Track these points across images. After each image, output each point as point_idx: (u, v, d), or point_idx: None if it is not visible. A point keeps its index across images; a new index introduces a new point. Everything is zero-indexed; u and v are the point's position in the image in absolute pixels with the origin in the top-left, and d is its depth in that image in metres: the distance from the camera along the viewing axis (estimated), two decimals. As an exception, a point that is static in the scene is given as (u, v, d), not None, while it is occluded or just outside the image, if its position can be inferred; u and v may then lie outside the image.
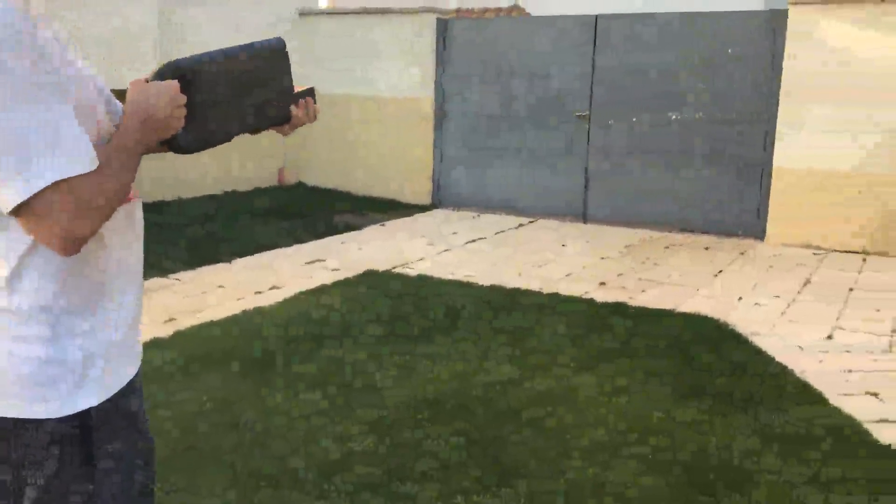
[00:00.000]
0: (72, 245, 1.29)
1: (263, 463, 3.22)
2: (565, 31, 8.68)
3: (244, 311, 5.15)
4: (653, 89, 8.29)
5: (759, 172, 7.93)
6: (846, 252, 7.42)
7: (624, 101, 8.43)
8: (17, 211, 1.25)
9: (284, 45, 1.70)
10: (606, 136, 8.58)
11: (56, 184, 1.24)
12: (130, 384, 1.52)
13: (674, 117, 8.23)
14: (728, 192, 8.09)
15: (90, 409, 1.41)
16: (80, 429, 1.40)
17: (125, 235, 1.49)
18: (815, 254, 7.38)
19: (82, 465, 1.41)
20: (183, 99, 1.45)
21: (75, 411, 1.40)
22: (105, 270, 1.44)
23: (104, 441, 1.44)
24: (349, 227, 8.09)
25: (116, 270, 1.47)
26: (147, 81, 1.44)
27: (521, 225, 8.57)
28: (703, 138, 8.14)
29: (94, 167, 1.28)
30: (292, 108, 1.69)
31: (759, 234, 7.92)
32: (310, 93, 1.76)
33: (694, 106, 8.13)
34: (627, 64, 8.38)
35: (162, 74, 1.45)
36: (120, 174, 1.34)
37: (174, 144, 1.50)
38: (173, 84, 1.44)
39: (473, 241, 7.69)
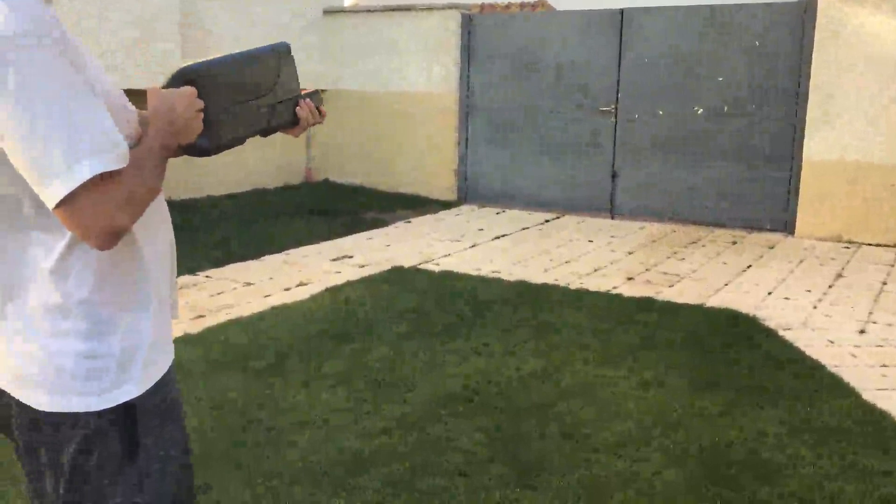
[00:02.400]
0: (111, 239, 1.31)
1: (289, 459, 3.24)
2: (591, 25, 8.63)
3: (272, 308, 5.19)
4: (679, 82, 8.21)
5: (787, 165, 7.83)
6: (878, 245, 7.30)
7: (650, 94, 8.37)
8: (59, 205, 1.27)
9: (289, 49, 1.75)
10: (633, 130, 8.52)
11: (95, 178, 1.26)
12: (168, 374, 1.54)
13: (700, 111, 8.16)
14: (756, 185, 8.00)
15: (131, 400, 1.43)
16: (122, 421, 1.42)
17: (157, 230, 1.52)
18: (845, 247, 7.28)
19: (125, 456, 1.43)
20: (201, 104, 1.48)
21: (116, 403, 1.42)
22: (141, 265, 1.47)
23: (146, 432, 1.46)
24: (375, 224, 8.11)
25: (152, 264, 1.49)
26: (162, 89, 1.47)
27: (547, 220, 8.54)
28: (731, 131, 8.05)
29: (127, 162, 1.31)
30: (297, 110, 1.74)
31: (789, 228, 7.82)
32: (315, 94, 1.81)
33: (721, 99, 8.05)
34: (654, 57, 8.31)
35: (176, 80, 1.48)
36: (150, 175, 1.37)
37: (193, 148, 1.54)
38: (191, 90, 1.47)
39: (499, 236, 7.67)
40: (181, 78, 1.48)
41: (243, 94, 1.61)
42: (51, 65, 1.25)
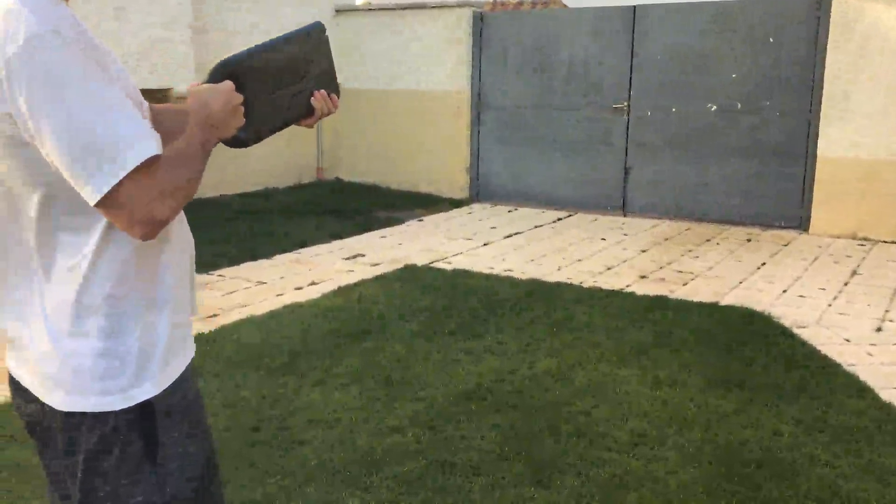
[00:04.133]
0: (152, 229, 1.33)
1: (303, 458, 3.24)
2: (603, 22, 8.59)
3: (285, 307, 5.20)
4: (692, 79, 8.17)
5: (802, 162, 7.77)
6: (894, 242, 7.25)
7: (663, 91, 8.33)
8: (100, 200, 1.28)
9: (324, 29, 1.72)
10: (645, 127, 8.48)
11: (135, 171, 1.27)
12: (186, 372, 1.54)
13: (713, 107, 8.11)
14: (770, 182, 7.95)
15: (150, 399, 1.44)
16: (142, 419, 1.43)
17: (177, 229, 1.52)
18: (860, 245, 7.22)
19: (145, 455, 1.43)
20: (239, 98, 1.48)
21: (135, 402, 1.42)
22: (160, 264, 1.47)
23: (166, 430, 1.46)
24: (388, 223, 8.11)
25: (171, 264, 1.50)
26: (203, 84, 1.48)
27: (559, 218, 8.52)
28: (744, 128, 8.01)
29: (161, 151, 1.32)
30: (312, 100, 1.70)
31: (803, 225, 7.77)
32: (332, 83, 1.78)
33: (735, 95, 8.01)
34: (666, 54, 8.27)
35: (216, 75, 1.48)
36: (190, 165, 1.38)
37: (233, 140, 1.54)
38: (228, 85, 1.47)
39: (512, 235, 7.66)
40: (221, 71, 1.48)
41: (280, 80, 1.60)
42: (78, 62, 1.26)
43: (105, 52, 1.39)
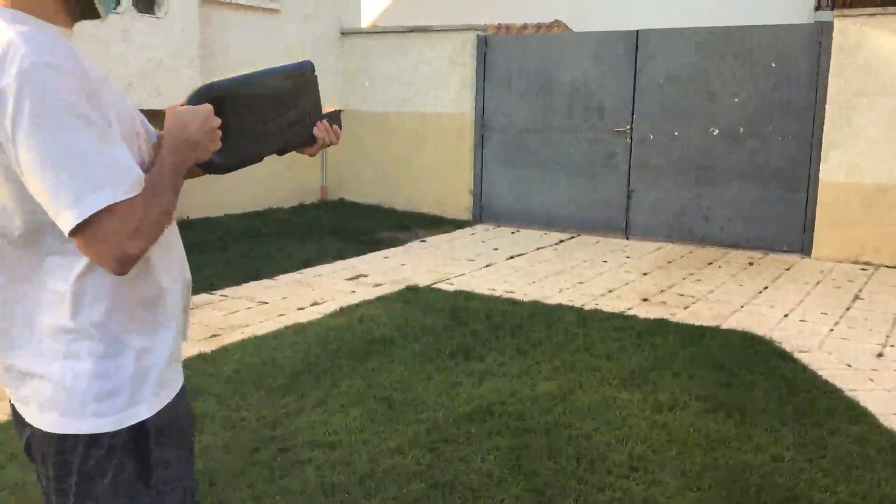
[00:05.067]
0: (124, 264, 1.34)
1: (303, 478, 3.24)
2: (606, 46, 8.66)
3: (286, 327, 5.20)
4: (694, 103, 8.22)
5: (804, 187, 7.80)
6: (896, 267, 7.25)
7: (665, 115, 8.38)
8: (74, 233, 1.30)
9: (313, 68, 1.74)
10: (648, 150, 8.52)
11: (108, 208, 1.29)
12: (178, 395, 1.55)
13: (715, 132, 8.15)
14: (772, 206, 7.98)
15: (145, 421, 1.45)
16: (136, 441, 1.44)
17: (170, 254, 1.54)
18: (863, 269, 7.23)
19: (139, 476, 1.44)
20: (217, 122, 1.49)
21: (130, 424, 1.43)
22: (155, 288, 1.49)
23: (159, 452, 1.47)
24: (390, 243, 8.13)
25: (166, 287, 1.51)
26: (182, 106, 1.49)
27: (561, 240, 8.54)
28: (747, 152, 8.04)
29: (140, 191, 1.33)
30: (315, 130, 1.73)
31: (805, 250, 7.78)
32: (336, 114, 1.80)
33: (737, 120, 8.05)
34: (669, 78, 8.32)
35: (196, 99, 1.49)
36: (163, 197, 1.38)
37: (209, 165, 1.55)
38: (207, 108, 1.48)
39: (514, 256, 7.67)
40: (202, 96, 1.50)
41: (264, 111, 1.61)
42: (65, 97, 1.28)
43: (101, 80, 1.40)
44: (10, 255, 1.41)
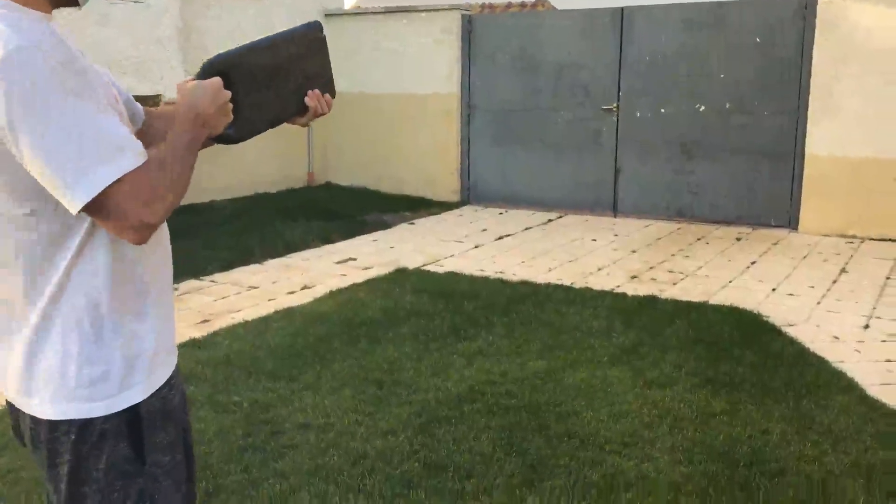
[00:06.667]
0: (142, 233, 1.34)
1: (296, 462, 3.25)
2: (592, 24, 8.63)
3: (276, 311, 5.20)
4: (681, 80, 8.22)
5: (790, 161, 7.83)
6: (882, 240, 7.30)
7: (652, 92, 8.38)
8: (88, 209, 1.30)
9: (321, 28, 1.72)
10: (635, 127, 8.52)
11: (119, 180, 1.29)
12: (171, 379, 1.55)
13: (702, 108, 8.16)
14: (760, 181, 8.01)
15: (137, 405, 1.45)
16: (128, 425, 1.44)
17: (158, 240, 1.53)
18: (849, 242, 7.27)
19: (132, 460, 1.45)
20: (227, 95, 1.48)
21: (122, 408, 1.43)
22: (144, 274, 1.49)
23: (152, 436, 1.47)
24: (379, 226, 8.13)
25: (154, 273, 1.52)
26: (192, 81, 1.48)
27: (550, 220, 8.55)
28: (733, 128, 8.06)
29: (144, 160, 1.33)
30: (306, 99, 1.70)
31: (793, 224, 7.82)
32: (328, 81, 1.77)
33: (723, 96, 8.05)
34: (655, 55, 8.31)
35: (205, 73, 1.48)
36: (176, 166, 1.38)
37: (222, 137, 1.54)
38: (216, 82, 1.47)
39: (503, 237, 7.68)
40: (210, 69, 1.48)
41: (273, 78, 1.59)
42: (58, 75, 1.27)
43: (87, 62, 1.40)
44: (1, 241, 1.41)
